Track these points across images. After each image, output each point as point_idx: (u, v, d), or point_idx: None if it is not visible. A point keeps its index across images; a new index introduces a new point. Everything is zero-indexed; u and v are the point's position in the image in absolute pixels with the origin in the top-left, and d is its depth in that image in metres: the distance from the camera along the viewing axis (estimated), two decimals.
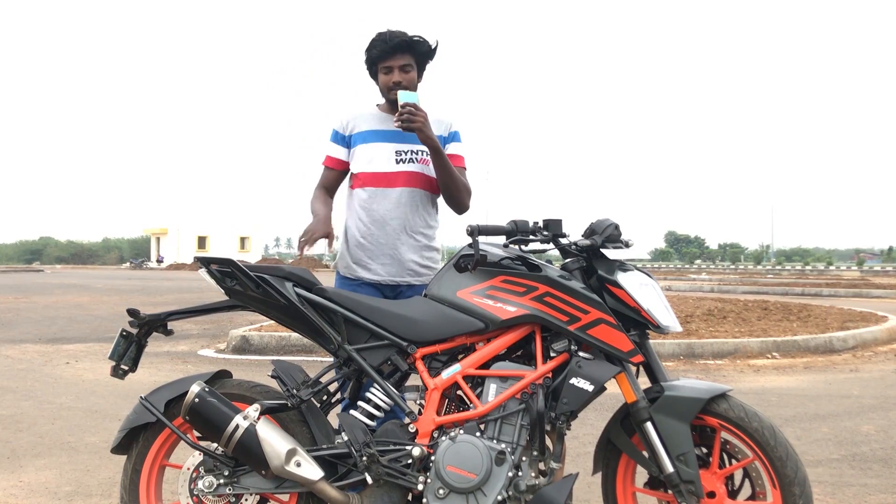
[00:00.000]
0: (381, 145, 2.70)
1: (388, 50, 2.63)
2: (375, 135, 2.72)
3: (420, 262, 2.71)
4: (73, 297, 17.88)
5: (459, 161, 2.75)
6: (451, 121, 2.79)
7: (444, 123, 2.76)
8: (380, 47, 2.64)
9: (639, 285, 2.14)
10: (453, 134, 2.77)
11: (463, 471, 2.03)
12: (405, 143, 2.69)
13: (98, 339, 9.09)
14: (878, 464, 3.63)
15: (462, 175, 2.71)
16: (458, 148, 2.77)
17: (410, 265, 2.69)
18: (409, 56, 2.66)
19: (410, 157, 2.69)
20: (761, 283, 22.77)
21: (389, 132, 2.71)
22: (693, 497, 2.02)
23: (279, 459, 2.06)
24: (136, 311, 2.32)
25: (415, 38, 2.65)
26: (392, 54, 2.64)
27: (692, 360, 7.11)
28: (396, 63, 2.65)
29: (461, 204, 2.71)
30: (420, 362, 2.20)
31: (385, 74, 2.68)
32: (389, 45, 2.63)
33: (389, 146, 2.70)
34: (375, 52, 2.66)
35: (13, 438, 4.18)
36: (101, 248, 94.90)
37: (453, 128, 2.78)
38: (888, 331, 8.62)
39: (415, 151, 2.69)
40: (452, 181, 2.64)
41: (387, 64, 2.66)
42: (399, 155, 2.69)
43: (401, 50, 2.64)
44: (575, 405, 2.05)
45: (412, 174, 2.69)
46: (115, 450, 2.26)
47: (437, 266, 2.76)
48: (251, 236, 68.79)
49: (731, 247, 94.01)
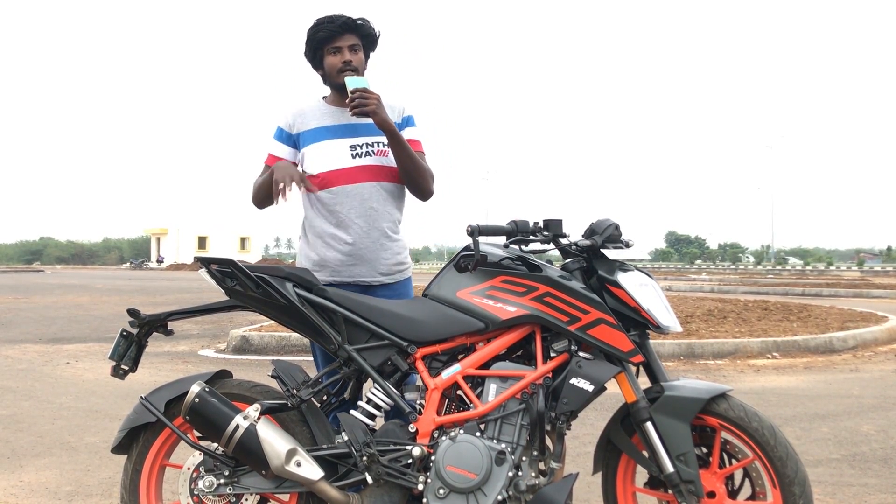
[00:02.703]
0: (334, 142, 2.56)
1: (335, 30, 2.53)
2: (326, 131, 2.58)
3: (391, 261, 2.59)
4: (73, 297, 17.88)
5: (417, 146, 2.62)
6: (402, 105, 2.66)
7: (395, 109, 2.62)
8: (326, 28, 2.54)
9: (639, 285, 2.14)
10: (407, 119, 2.65)
11: (463, 471, 2.03)
12: (358, 136, 2.57)
13: (98, 339, 9.09)
14: (878, 464, 3.63)
15: (422, 159, 2.60)
16: (414, 132, 2.65)
17: (382, 265, 2.57)
18: (355, 37, 2.57)
19: (367, 151, 2.56)
20: (761, 284, 22.77)
21: (340, 127, 2.58)
22: (693, 497, 2.03)
23: (279, 459, 2.06)
24: (137, 311, 2.32)
25: (359, 21, 2.57)
26: (340, 34, 2.55)
27: (692, 360, 7.11)
28: (345, 43, 2.55)
29: (425, 190, 2.60)
30: (420, 362, 2.20)
31: (333, 55, 2.56)
32: (336, 25, 2.53)
33: (342, 142, 2.56)
34: (322, 34, 2.54)
35: (13, 438, 4.18)
36: (101, 249, 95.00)
37: (406, 112, 2.66)
38: (888, 331, 8.62)
39: (370, 144, 2.57)
40: (414, 166, 2.53)
41: (335, 45, 2.55)
42: (354, 149, 2.56)
43: (348, 30, 2.55)
44: (575, 405, 2.05)
45: (371, 168, 2.56)
46: (116, 450, 2.27)
47: (406, 262, 2.67)
48: (251, 236, 68.79)
49: (732, 247, 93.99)
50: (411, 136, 2.63)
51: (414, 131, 2.66)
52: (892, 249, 73.48)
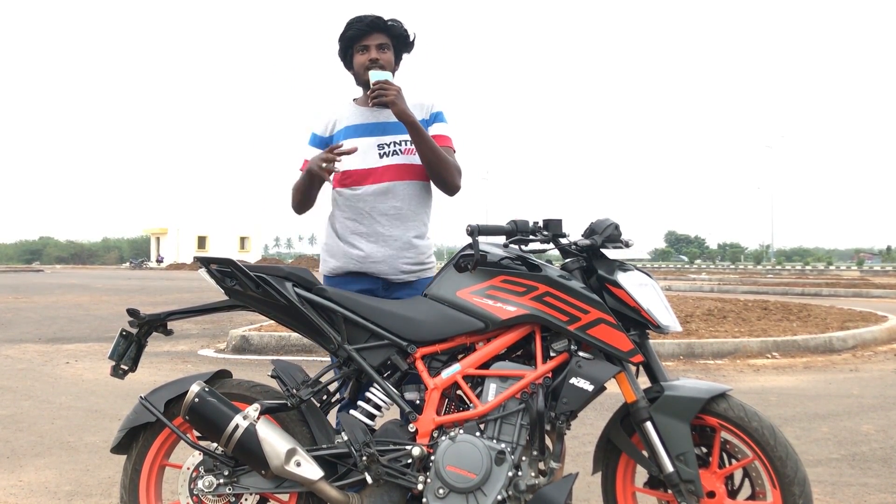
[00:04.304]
0: (361, 140, 2.58)
1: (364, 28, 2.56)
2: (354, 130, 2.61)
3: (414, 259, 2.60)
4: (73, 296, 17.88)
5: (446, 141, 2.62)
6: (431, 102, 2.66)
7: (424, 106, 2.63)
8: (356, 27, 2.57)
9: (638, 285, 2.14)
10: (435, 115, 2.65)
11: (463, 470, 2.03)
12: (386, 134, 2.59)
13: (98, 339, 9.09)
14: (878, 463, 3.63)
15: (450, 155, 2.59)
16: (442, 128, 2.64)
17: (405, 262, 2.58)
18: (385, 36, 2.59)
19: (394, 150, 2.59)
20: (761, 283, 22.78)
21: (368, 125, 2.61)
22: (693, 497, 2.03)
23: (279, 459, 2.06)
24: (136, 311, 2.32)
25: (390, 22, 2.59)
26: (368, 33, 2.57)
27: (692, 360, 7.11)
28: (373, 42, 2.57)
29: (450, 184, 2.58)
30: (420, 362, 2.20)
31: (361, 54, 2.59)
32: (365, 24, 2.56)
33: (370, 140, 2.58)
34: (351, 33, 2.57)
35: (13, 438, 4.18)
36: (100, 248, 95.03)
37: (436, 108, 2.66)
38: (888, 330, 8.63)
39: (398, 142, 2.58)
40: (437, 158, 2.51)
41: (363, 43, 2.58)
42: (381, 148, 2.58)
43: (377, 29, 2.57)
44: (575, 405, 2.05)
45: (399, 167, 2.58)
46: (115, 449, 2.27)
47: (430, 261, 2.68)
48: (251, 236, 68.80)
49: (731, 247, 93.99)
50: (440, 132, 2.63)
51: (443, 127, 2.66)
52: (891, 249, 73.46)
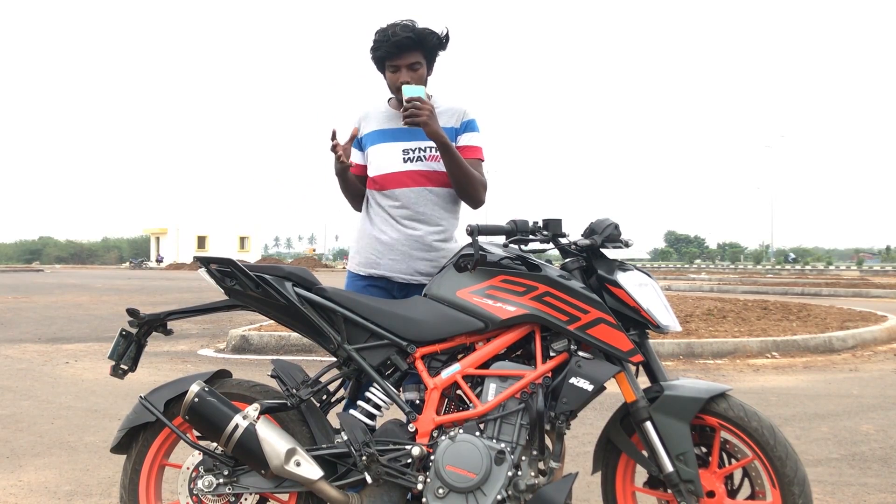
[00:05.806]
0: (387, 146, 2.59)
1: (393, 49, 2.48)
2: (382, 135, 2.63)
3: (432, 262, 2.59)
4: (73, 296, 17.88)
5: (475, 152, 2.60)
6: (464, 108, 2.63)
7: (457, 112, 2.60)
8: (385, 48, 2.49)
9: (638, 285, 2.14)
10: (466, 123, 2.61)
11: (462, 470, 2.03)
12: (412, 140, 2.57)
13: (98, 338, 9.08)
14: (878, 463, 3.63)
15: (477, 167, 2.57)
16: (473, 138, 2.61)
17: (421, 265, 2.58)
18: (417, 53, 2.51)
19: (418, 156, 2.57)
20: (761, 283, 22.78)
21: (396, 130, 2.60)
22: (692, 496, 2.03)
23: (279, 459, 2.06)
24: (136, 311, 2.32)
25: (414, 36, 2.49)
26: (398, 54, 2.49)
27: (692, 360, 7.11)
28: (404, 62, 2.50)
29: (475, 199, 2.59)
30: (420, 362, 2.20)
31: (393, 73, 2.54)
32: (394, 43, 2.47)
33: (396, 146, 2.59)
34: (381, 53, 2.51)
35: (13, 438, 4.18)
36: (100, 248, 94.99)
37: (468, 116, 2.62)
38: (888, 330, 8.63)
39: (422, 148, 2.57)
40: (464, 176, 2.50)
41: (394, 63, 2.52)
42: (406, 154, 2.58)
43: (407, 48, 2.48)
44: (574, 405, 2.05)
45: (421, 172, 2.57)
46: (115, 449, 2.26)
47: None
48: (251, 236, 68.83)
49: (731, 246, 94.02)
50: (469, 142, 2.61)
51: (475, 137, 2.63)
52: (891, 249, 73.52)
